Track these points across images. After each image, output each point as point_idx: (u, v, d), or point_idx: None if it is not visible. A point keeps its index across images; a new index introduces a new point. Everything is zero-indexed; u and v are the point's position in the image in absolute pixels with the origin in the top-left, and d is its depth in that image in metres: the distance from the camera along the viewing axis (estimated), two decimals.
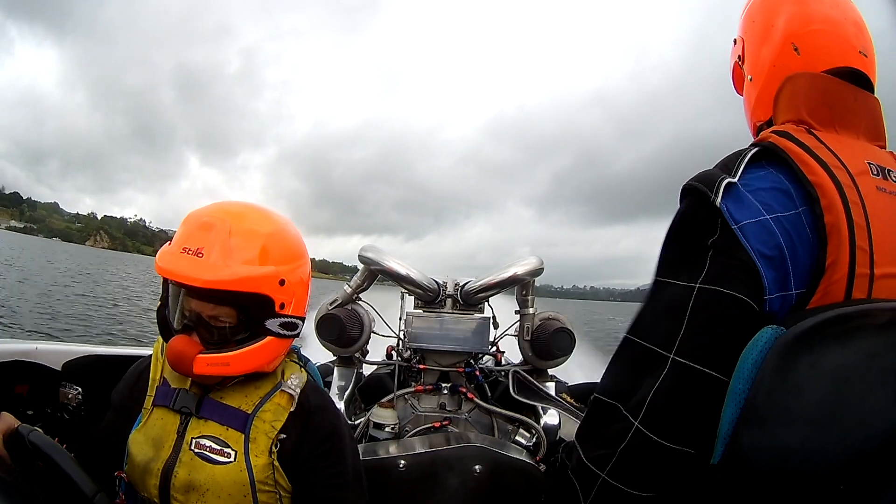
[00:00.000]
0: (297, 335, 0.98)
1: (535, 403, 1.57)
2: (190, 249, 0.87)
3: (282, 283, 0.91)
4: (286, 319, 0.93)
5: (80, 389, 1.42)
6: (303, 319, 0.98)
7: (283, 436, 0.93)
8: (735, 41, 0.94)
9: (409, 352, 1.73)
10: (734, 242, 0.68)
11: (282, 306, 0.92)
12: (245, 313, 0.91)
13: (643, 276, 0.75)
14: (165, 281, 0.95)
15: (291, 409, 0.95)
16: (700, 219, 0.72)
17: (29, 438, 0.89)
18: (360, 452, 1.31)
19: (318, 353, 1.63)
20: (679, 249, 0.74)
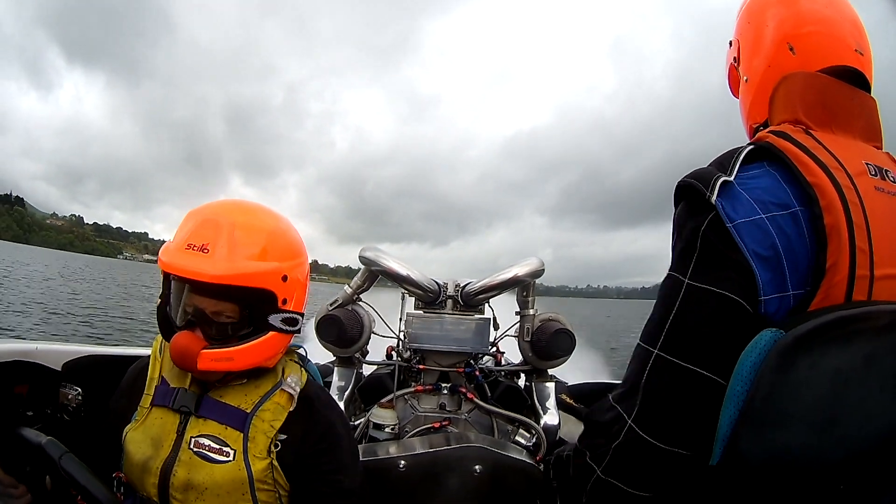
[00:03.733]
0: (298, 331, 0.99)
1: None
2: (195, 246, 0.87)
3: (284, 278, 0.92)
4: (288, 315, 0.94)
5: (80, 390, 1.42)
6: (302, 315, 0.99)
7: (283, 436, 0.94)
8: (730, 43, 0.93)
9: (409, 352, 1.73)
10: (728, 241, 0.68)
11: (284, 301, 0.93)
12: (248, 309, 0.92)
13: (656, 274, 0.77)
14: (166, 278, 0.96)
15: (291, 409, 0.96)
16: (694, 215, 0.72)
17: (61, 464, 0.89)
18: (360, 453, 1.31)
19: (319, 354, 1.63)
20: (676, 244, 0.75)
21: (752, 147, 0.75)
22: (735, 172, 0.72)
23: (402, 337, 1.75)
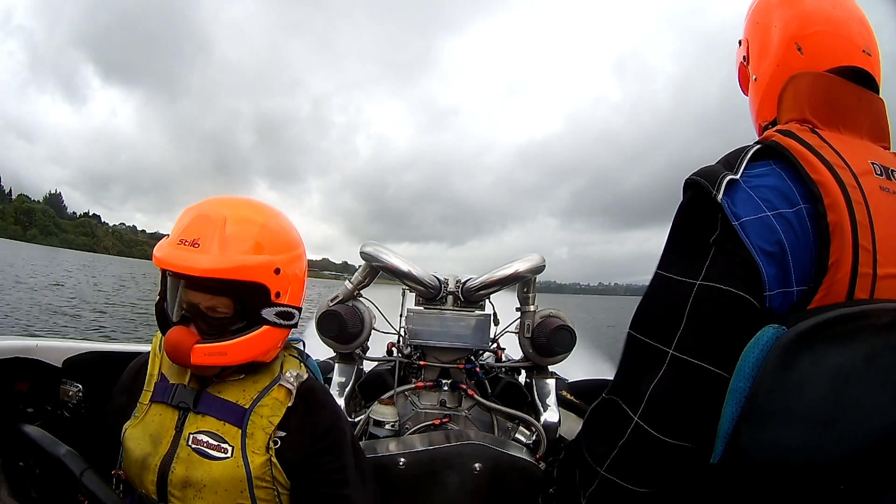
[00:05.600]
0: (295, 325, 0.98)
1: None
2: (186, 241, 0.88)
3: (277, 271, 0.92)
4: (282, 308, 0.94)
5: (80, 387, 1.42)
6: (299, 309, 0.98)
7: (282, 432, 0.93)
8: (740, 42, 0.94)
9: (409, 348, 1.73)
10: (735, 239, 0.68)
11: (277, 295, 0.93)
12: (241, 303, 0.92)
13: None
14: (164, 274, 0.96)
15: (289, 404, 0.95)
16: (701, 214, 0.72)
17: (82, 481, 0.89)
18: None
19: (319, 350, 1.63)
20: (680, 244, 0.75)
21: (758, 146, 0.75)
22: (741, 171, 0.72)
23: (402, 333, 1.74)
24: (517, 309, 1.70)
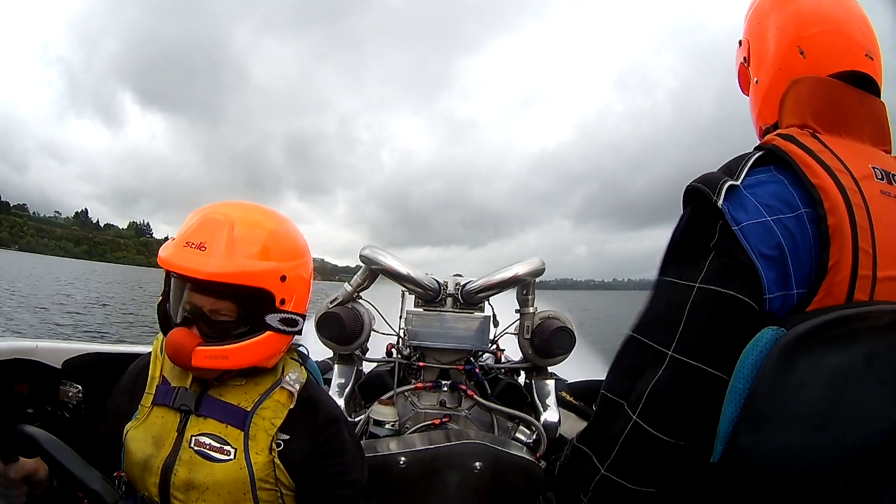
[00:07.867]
0: (298, 332, 0.98)
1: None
2: (193, 243, 0.87)
3: (283, 278, 0.92)
4: (286, 315, 0.94)
5: (80, 388, 1.42)
6: (303, 317, 0.98)
7: (285, 435, 0.94)
8: (740, 42, 0.93)
9: (409, 349, 1.73)
10: (734, 243, 0.69)
11: (282, 302, 0.93)
12: (245, 308, 0.91)
13: None
14: (167, 275, 0.95)
15: (291, 406, 0.95)
16: (702, 220, 0.72)
17: (92, 487, 0.86)
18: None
19: (318, 351, 1.63)
20: (681, 249, 0.75)
21: (760, 152, 0.75)
22: (742, 177, 0.72)
23: (401, 334, 1.75)
24: (517, 311, 1.71)
